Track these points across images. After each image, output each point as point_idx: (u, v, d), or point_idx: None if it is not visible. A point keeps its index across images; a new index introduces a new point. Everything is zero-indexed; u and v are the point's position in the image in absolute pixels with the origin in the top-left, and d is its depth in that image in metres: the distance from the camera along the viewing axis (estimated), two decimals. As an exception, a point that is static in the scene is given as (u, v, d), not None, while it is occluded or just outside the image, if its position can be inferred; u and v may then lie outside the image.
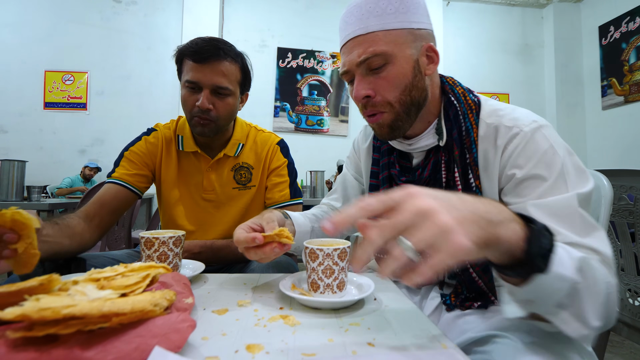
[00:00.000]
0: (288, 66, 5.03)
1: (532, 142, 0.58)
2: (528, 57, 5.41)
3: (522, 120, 0.61)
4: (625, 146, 4.55)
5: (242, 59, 0.98)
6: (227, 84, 0.93)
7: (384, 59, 0.61)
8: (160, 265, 0.47)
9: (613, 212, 0.97)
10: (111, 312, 0.31)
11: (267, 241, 0.59)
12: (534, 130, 0.59)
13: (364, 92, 0.63)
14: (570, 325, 0.42)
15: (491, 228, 0.35)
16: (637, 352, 1.74)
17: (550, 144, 0.57)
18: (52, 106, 4.61)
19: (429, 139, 0.69)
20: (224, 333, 0.42)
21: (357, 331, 0.43)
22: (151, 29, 4.75)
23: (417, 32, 0.63)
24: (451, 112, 0.67)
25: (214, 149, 1.04)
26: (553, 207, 0.52)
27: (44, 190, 3.53)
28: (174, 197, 1.03)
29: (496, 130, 0.62)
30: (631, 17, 4.48)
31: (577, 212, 0.52)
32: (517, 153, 0.59)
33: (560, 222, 0.51)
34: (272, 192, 1.06)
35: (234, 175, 1.05)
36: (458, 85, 0.71)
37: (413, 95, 0.64)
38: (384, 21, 0.61)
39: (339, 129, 5.07)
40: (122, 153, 1.02)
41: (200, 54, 0.90)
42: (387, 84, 0.63)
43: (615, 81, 4.68)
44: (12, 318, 0.28)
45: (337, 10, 5.07)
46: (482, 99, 0.69)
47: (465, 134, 0.65)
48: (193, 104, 0.92)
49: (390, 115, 0.64)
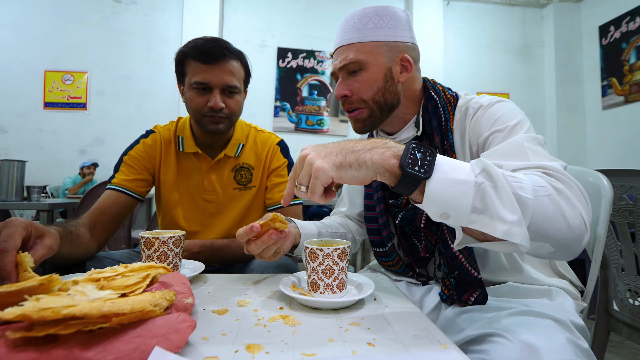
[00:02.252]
0: (288, 66, 5.03)
1: (490, 110, 0.69)
2: (528, 57, 5.41)
3: (486, 99, 0.72)
4: (625, 146, 4.55)
5: (243, 57, 1.00)
6: (236, 83, 0.95)
7: (359, 65, 0.72)
8: (160, 265, 0.47)
9: (613, 212, 0.97)
10: (111, 312, 0.31)
11: (264, 230, 0.61)
12: (493, 103, 0.70)
13: (342, 92, 0.75)
14: (490, 226, 0.43)
15: (351, 155, 0.47)
16: (637, 352, 1.74)
17: (507, 110, 0.67)
18: (52, 106, 4.61)
19: (409, 131, 0.78)
20: (224, 333, 0.42)
21: (357, 331, 0.43)
22: (151, 29, 4.75)
23: (392, 44, 0.73)
24: (430, 106, 0.76)
25: (214, 150, 1.04)
26: (502, 150, 0.59)
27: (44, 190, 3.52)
28: (173, 199, 1.03)
29: (465, 111, 0.73)
30: (631, 17, 4.48)
31: (525, 148, 0.57)
32: (478, 121, 0.69)
33: (508, 159, 0.55)
34: (272, 192, 1.06)
35: (234, 176, 1.05)
36: (438, 84, 0.81)
37: (386, 98, 0.74)
38: (362, 35, 0.72)
39: (339, 129, 5.07)
40: (121, 158, 1.01)
41: (209, 55, 0.90)
42: (361, 86, 0.73)
43: (615, 81, 4.68)
44: (12, 318, 0.28)
45: (337, 10, 5.07)
46: (460, 94, 0.78)
47: (445, 123, 0.73)
48: (204, 104, 0.93)
49: (366, 111, 0.75)
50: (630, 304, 0.99)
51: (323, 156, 0.47)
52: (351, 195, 0.95)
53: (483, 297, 0.65)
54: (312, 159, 0.47)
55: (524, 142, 0.58)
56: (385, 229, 0.80)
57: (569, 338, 0.54)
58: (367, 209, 0.85)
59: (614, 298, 1.04)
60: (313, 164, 0.47)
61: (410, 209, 0.76)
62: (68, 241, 0.73)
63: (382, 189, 0.81)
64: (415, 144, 0.46)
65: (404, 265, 0.79)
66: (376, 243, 0.81)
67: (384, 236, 0.79)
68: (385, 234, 0.79)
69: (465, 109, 0.73)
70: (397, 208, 0.78)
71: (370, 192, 0.84)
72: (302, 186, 0.49)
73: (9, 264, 0.48)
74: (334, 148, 0.49)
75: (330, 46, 5.06)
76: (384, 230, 0.80)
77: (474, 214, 0.43)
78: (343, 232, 0.88)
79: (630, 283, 1.01)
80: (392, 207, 0.80)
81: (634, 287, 0.99)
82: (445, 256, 0.69)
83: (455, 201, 0.43)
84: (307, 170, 0.48)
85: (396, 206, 0.79)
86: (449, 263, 0.69)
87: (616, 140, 4.68)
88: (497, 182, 0.44)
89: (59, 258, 0.69)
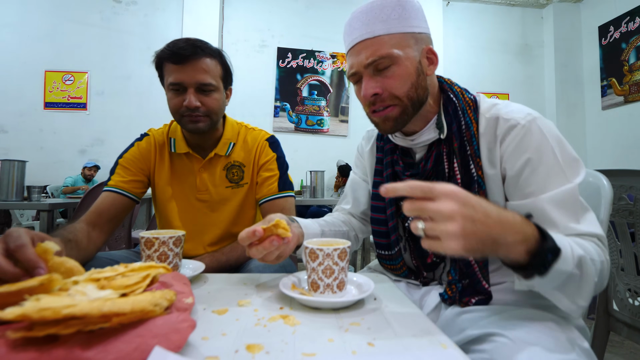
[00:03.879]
0: (288, 66, 5.03)
1: (528, 134, 0.63)
2: (528, 57, 5.41)
3: (518, 113, 0.66)
4: (625, 146, 4.56)
5: (220, 55, 0.99)
6: (211, 80, 0.94)
7: (390, 60, 0.66)
8: (160, 265, 0.47)
9: (613, 212, 0.97)
10: (111, 312, 0.31)
11: (267, 235, 0.59)
12: (530, 123, 0.64)
13: (372, 90, 0.68)
14: (562, 303, 0.53)
15: (492, 246, 0.45)
16: (637, 352, 1.74)
17: (545, 134, 0.63)
18: (52, 106, 4.61)
19: (429, 133, 0.73)
20: (224, 333, 0.42)
21: (357, 331, 0.43)
22: (151, 29, 4.75)
23: (418, 36, 0.68)
24: (450, 108, 0.72)
25: (205, 149, 1.04)
26: (561, 200, 0.60)
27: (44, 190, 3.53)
28: (168, 200, 1.04)
29: (496, 121, 0.67)
30: (631, 17, 4.48)
31: (578, 201, 0.60)
32: (514, 144, 0.64)
33: (566, 213, 0.59)
34: (262, 186, 1.06)
35: (226, 174, 1.05)
36: (456, 85, 0.76)
37: (419, 93, 0.69)
38: (389, 26, 0.66)
39: (339, 129, 5.07)
40: (117, 161, 1.02)
41: (179, 55, 0.90)
42: (394, 82, 0.67)
43: (615, 81, 4.69)
44: (12, 318, 0.28)
45: (337, 10, 5.07)
46: (478, 97, 0.74)
47: (465, 128, 0.69)
48: (180, 104, 0.93)
49: (398, 108, 0.69)
50: (630, 304, 0.99)
51: (465, 235, 0.42)
52: (355, 193, 0.93)
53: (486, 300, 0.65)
54: (453, 232, 0.42)
55: (578, 196, 0.60)
56: (394, 233, 0.77)
57: (570, 338, 0.54)
58: (375, 211, 0.81)
59: (614, 298, 1.04)
60: (450, 240, 0.42)
61: None
62: (68, 250, 0.73)
63: (392, 165, 0.78)
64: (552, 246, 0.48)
65: (407, 271, 0.78)
66: (382, 246, 0.79)
67: (392, 240, 0.77)
68: (393, 237, 0.77)
69: (494, 119, 0.67)
70: None
71: (379, 169, 0.81)
72: (421, 225, 0.44)
73: (32, 253, 0.47)
74: (482, 230, 0.43)
75: (330, 46, 5.07)
76: (392, 233, 0.77)
77: (555, 290, 0.52)
78: (346, 230, 0.87)
79: (630, 283, 1.01)
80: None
81: (633, 287, 0.99)
82: (459, 264, 0.68)
83: (547, 283, 0.50)
84: (440, 233, 0.43)
85: None
86: (461, 270, 0.68)
87: (616, 140, 4.68)
88: (585, 275, 0.51)
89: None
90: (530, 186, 0.62)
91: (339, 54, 5.11)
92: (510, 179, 0.65)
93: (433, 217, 0.43)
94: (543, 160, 0.62)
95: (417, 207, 0.44)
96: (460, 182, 0.68)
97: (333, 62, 5.11)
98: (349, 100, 5.11)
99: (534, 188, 0.62)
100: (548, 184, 0.61)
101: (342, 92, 5.12)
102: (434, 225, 0.43)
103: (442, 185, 0.44)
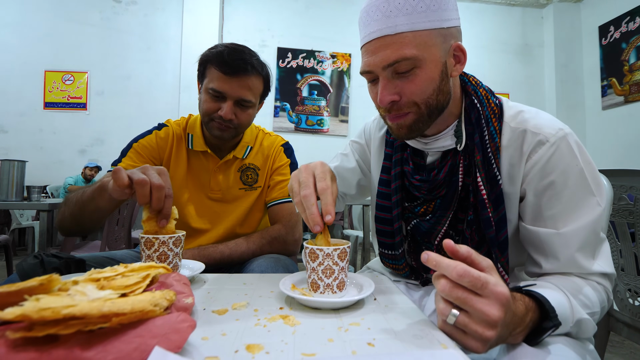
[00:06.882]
0: (288, 66, 5.03)
1: (557, 153, 0.58)
2: (528, 57, 5.41)
3: (548, 127, 0.60)
4: (625, 146, 4.56)
5: (266, 71, 1.00)
6: (251, 98, 0.95)
7: (413, 63, 0.58)
8: (160, 265, 0.47)
9: (613, 212, 0.97)
10: (111, 312, 0.31)
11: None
12: (560, 140, 0.59)
13: (390, 97, 0.60)
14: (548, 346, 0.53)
15: (503, 341, 0.45)
16: (637, 352, 1.74)
17: (576, 154, 0.58)
18: (52, 106, 4.61)
19: (446, 140, 0.66)
20: (224, 333, 0.42)
21: (357, 331, 0.43)
22: (151, 29, 4.75)
23: (446, 31, 0.59)
24: (473, 116, 0.64)
25: (223, 150, 1.05)
26: (583, 237, 0.58)
27: (44, 190, 3.53)
28: (184, 196, 1.03)
29: (523, 135, 0.61)
30: (631, 17, 4.48)
31: (598, 234, 0.59)
32: (541, 164, 0.59)
33: (583, 251, 0.58)
34: (273, 190, 1.07)
35: (240, 176, 1.06)
36: (481, 86, 0.68)
37: (439, 99, 0.61)
38: (414, 20, 0.56)
39: (339, 129, 5.08)
40: (131, 144, 1.01)
41: (229, 67, 0.90)
42: (415, 87, 0.59)
43: (615, 81, 4.69)
44: (12, 318, 0.28)
45: (337, 10, 5.07)
46: (503, 101, 0.68)
47: (490, 139, 0.63)
48: (214, 110, 0.93)
49: (414, 116, 0.62)
50: (630, 304, 0.99)
51: (493, 342, 0.41)
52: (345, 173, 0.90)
53: None
54: (487, 339, 0.40)
55: (600, 232, 0.59)
56: (399, 234, 0.74)
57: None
58: (381, 209, 0.77)
59: (614, 298, 1.04)
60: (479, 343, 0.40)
61: (429, 220, 0.69)
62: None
63: (401, 190, 0.74)
64: (549, 328, 0.47)
65: (409, 271, 0.78)
66: (386, 245, 0.77)
67: (397, 241, 0.74)
68: (398, 239, 0.74)
69: (521, 131, 0.62)
70: (412, 214, 0.73)
71: (387, 192, 0.76)
72: (454, 316, 0.41)
73: (170, 207, 0.65)
74: (506, 328, 0.42)
75: (331, 46, 5.08)
76: (397, 235, 0.74)
77: (555, 335, 0.51)
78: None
79: (630, 283, 1.00)
80: (407, 210, 0.74)
81: (633, 287, 0.99)
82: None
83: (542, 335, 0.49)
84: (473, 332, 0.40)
85: (412, 212, 0.73)
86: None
87: (616, 140, 4.68)
88: (582, 332, 0.53)
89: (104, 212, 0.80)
90: (552, 209, 0.59)
91: (339, 54, 5.11)
92: (530, 200, 0.61)
93: (472, 312, 0.40)
94: (568, 184, 0.58)
95: (461, 298, 0.40)
96: (487, 199, 0.62)
97: (333, 62, 5.11)
98: (349, 100, 5.11)
99: (554, 212, 0.59)
100: (571, 211, 0.58)
101: (342, 92, 5.12)
102: (470, 322, 0.40)
103: (494, 281, 0.40)
